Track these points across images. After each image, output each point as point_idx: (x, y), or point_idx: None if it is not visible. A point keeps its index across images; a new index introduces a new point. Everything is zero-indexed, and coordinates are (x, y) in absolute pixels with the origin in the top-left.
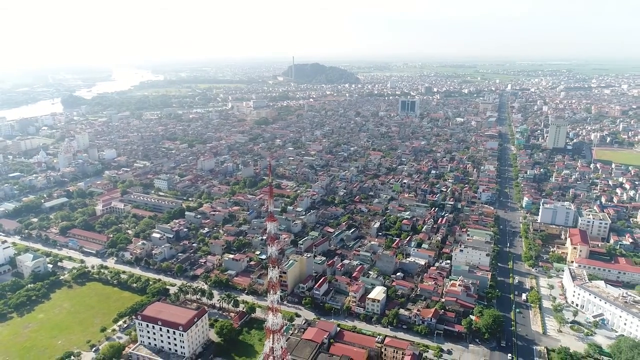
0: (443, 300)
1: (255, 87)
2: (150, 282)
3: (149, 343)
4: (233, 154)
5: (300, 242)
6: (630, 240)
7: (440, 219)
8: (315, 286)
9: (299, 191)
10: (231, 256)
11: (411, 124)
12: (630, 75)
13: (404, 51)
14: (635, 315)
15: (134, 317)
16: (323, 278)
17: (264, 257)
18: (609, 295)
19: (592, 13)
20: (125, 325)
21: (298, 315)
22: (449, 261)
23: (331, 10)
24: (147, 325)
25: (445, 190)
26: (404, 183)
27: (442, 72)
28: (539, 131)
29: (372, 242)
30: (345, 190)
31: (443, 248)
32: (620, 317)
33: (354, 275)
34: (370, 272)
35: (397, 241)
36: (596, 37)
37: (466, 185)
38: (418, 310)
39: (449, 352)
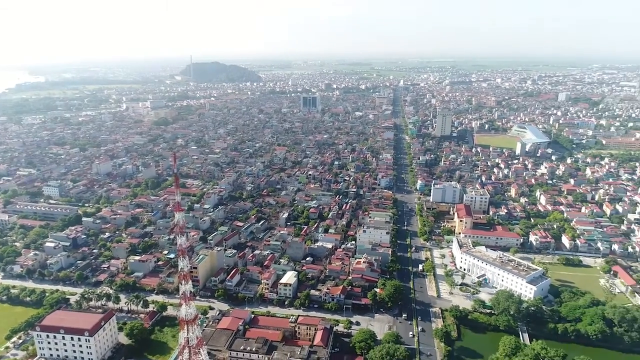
0: (350, 277)
1: (151, 87)
2: (47, 294)
3: (51, 355)
4: (132, 156)
5: (210, 237)
6: (505, 211)
7: (344, 205)
8: (228, 278)
9: (205, 189)
10: (137, 258)
11: (313, 119)
12: (503, 70)
13: (304, 50)
14: (509, 272)
15: (30, 330)
16: (235, 269)
17: (172, 256)
18: (489, 257)
19: (471, 17)
20: (21, 340)
21: (212, 308)
22: (353, 242)
23: (232, 9)
24: (48, 336)
25: (348, 179)
26: (310, 174)
27: (340, 70)
28: (428, 121)
29: (282, 232)
30: (252, 185)
31: (348, 231)
32: (498, 275)
33: (265, 264)
34: (281, 260)
35: (305, 229)
36: (475, 37)
37: (367, 173)
38: (327, 289)
39: (357, 324)
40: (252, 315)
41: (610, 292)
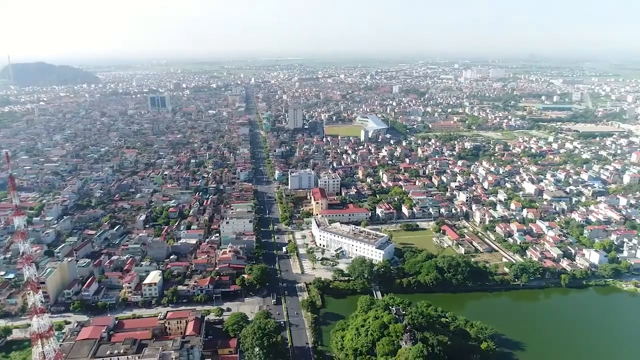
0: (217, 268)
1: None
2: None
3: None
4: None
5: (57, 250)
6: (355, 190)
7: (205, 201)
8: (84, 288)
9: (44, 201)
10: None
11: (164, 119)
12: (346, 67)
13: (147, 49)
14: (361, 241)
15: None
16: (91, 278)
17: (11, 276)
18: (343, 232)
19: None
20: None
21: (68, 322)
22: (217, 234)
23: (60, 5)
24: None
25: (206, 175)
26: (166, 175)
27: (189, 69)
28: (281, 116)
29: (141, 234)
30: (102, 191)
31: (211, 225)
32: (353, 245)
33: (125, 268)
34: (142, 262)
35: (165, 228)
36: (320, 37)
37: (225, 169)
38: (195, 282)
39: (229, 310)
40: (117, 321)
41: (440, 247)
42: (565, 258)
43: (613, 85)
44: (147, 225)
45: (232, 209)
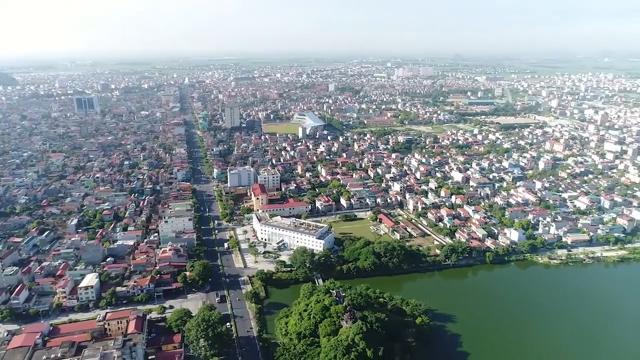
0: (157, 267)
1: None
2: None
3: None
4: None
5: None
6: (295, 185)
7: (141, 202)
8: (13, 296)
9: None
10: None
11: (93, 121)
12: (281, 66)
13: (72, 49)
14: (302, 233)
15: None
16: (20, 286)
17: None
18: (284, 224)
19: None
20: None
21: None
22: (156, 234)
23: None
24: None
25: (142, 177)
26: (97, 177)
27: (117, 70)
28: (218, 115)
29: (74, 239)
30: (27, 197)
31: (149, 225)
32: (294, 237)
33: (58, 273)
34: (77, 266)
35: (100, 231)
36: (254, 36)
37: (162, 169)
38: (135, 282)
39: (171, 307)
40: (51, 327)
41: (377, 234)
42: (489, 238)
43: (530, 81)
44: (80, 230)
45: (171, 208)
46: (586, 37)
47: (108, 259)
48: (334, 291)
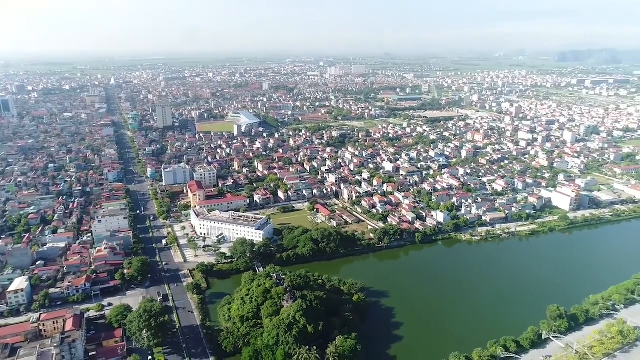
0: (93, 267)
1: None
2: None
3: None
4: None
5: None
6: (232, 181)
7: (71, 204)
8: None
9: None
10: None
11: (9, 124)
12: (213, 66)
13: None
14: (241, 225)
15: None
16: None
17: None
18: (223, 218)
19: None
20: None
21: None
22: (90, 235)
23: None
24: None
25: (69, 179)
26: (20, 182)
27: (34, 71)
28: (149, 115)
29: None
30: None
31: (81, 227)
32: (233, 230)
33: None
34: (4, 271)
35: (27, 235)
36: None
37: (91, 171)
38: (70, 282)
39: (110, 305)
40: None
41: (315, 223)
42: (418, 220)
43: (453, 78)
44: (4, 235)
45: (104, 209)
46: (504, 37)
47: (38, 262)
48: (274, 275)
